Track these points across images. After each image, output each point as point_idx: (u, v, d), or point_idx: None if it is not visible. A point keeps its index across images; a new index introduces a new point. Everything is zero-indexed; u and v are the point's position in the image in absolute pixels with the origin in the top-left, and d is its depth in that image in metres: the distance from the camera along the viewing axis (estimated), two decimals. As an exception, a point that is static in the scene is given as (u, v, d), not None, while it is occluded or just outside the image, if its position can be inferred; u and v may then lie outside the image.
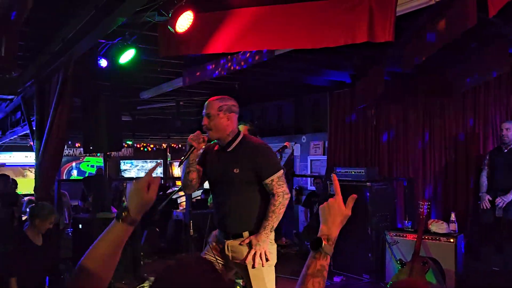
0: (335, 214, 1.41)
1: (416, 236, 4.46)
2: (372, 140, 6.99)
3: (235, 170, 2.64)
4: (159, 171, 14.81)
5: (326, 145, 7.89)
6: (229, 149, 2.71)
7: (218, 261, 2.77)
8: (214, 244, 2.83)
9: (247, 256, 2.59)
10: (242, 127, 4.51)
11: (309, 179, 8.07)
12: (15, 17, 3.26)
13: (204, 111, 2.74)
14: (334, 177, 1.53)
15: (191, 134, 2.70)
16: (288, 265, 5.63)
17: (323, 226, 1.40)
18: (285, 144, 4.14)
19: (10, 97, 4.46)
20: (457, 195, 5.67)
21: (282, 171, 2.64)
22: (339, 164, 7.08)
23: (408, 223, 5.00)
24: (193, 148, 2.66)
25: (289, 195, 2.63)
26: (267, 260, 2.60)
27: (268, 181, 2.59)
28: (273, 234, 2.69)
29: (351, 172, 5.32)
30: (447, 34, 3.38)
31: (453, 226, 4.76)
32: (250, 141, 2.74)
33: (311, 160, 8.54)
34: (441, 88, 5.81)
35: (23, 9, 3.15)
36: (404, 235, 4.85)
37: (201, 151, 2.85)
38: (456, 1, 3.16)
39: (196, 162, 2.79)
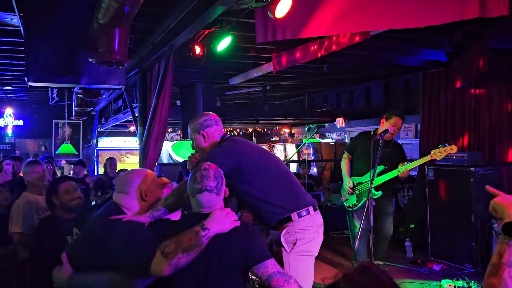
0: None
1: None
2: (471, 122, 6.56)
3: None
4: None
5: (419, 127, 7.54)
6: None
7: None
8: None
9: None
10: (395, 120, 4.34)
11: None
12: (128, 12, 3.47)
13: None
14: (488, 188, 1.50)
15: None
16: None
17: None
18: (386, 128, 4.01)
19: (119, 86, 4.79)
20: None
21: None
22: (433, 148, 6.71)
23: (518, 211, 4.63)
24: None
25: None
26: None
27: None
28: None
29: (452, 156, 5.01)
30: None
31: None
32: None
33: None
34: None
35: (136, 3, 3.34)
36: (514, 224, 4.51)
37: None
38: None
39: None
